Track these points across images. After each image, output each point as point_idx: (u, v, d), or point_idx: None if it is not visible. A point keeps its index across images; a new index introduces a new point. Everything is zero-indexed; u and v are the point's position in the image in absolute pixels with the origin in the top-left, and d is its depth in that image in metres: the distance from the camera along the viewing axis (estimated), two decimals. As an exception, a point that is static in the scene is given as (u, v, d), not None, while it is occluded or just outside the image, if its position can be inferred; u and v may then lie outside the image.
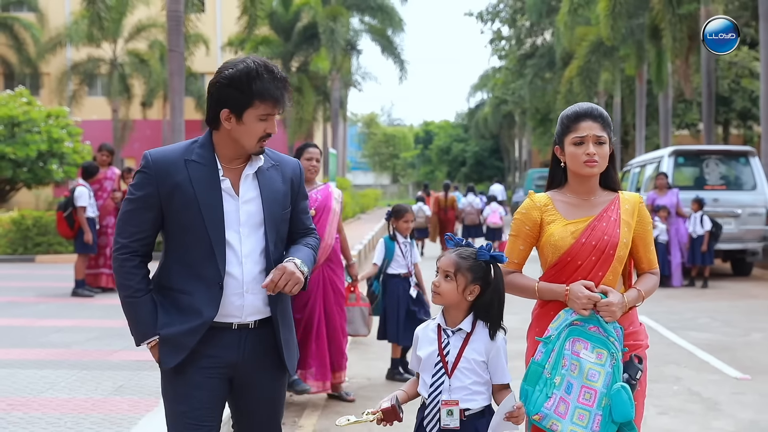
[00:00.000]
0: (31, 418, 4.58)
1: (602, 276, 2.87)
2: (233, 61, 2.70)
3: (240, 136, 2.68)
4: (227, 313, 2.69)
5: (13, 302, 9.34)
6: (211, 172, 2.70)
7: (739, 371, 6.67)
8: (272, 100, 2.65)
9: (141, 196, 2.68)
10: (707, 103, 19.63)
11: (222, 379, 2.72)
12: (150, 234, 2.72)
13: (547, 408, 2.74)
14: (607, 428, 2.74)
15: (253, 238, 2.73)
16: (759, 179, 13.13)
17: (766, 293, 11.67)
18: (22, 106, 20.97)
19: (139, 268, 2.70)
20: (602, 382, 2.74)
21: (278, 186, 2.80)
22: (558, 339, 2.79)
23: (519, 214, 3.02)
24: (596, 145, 2.89)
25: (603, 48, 24.66)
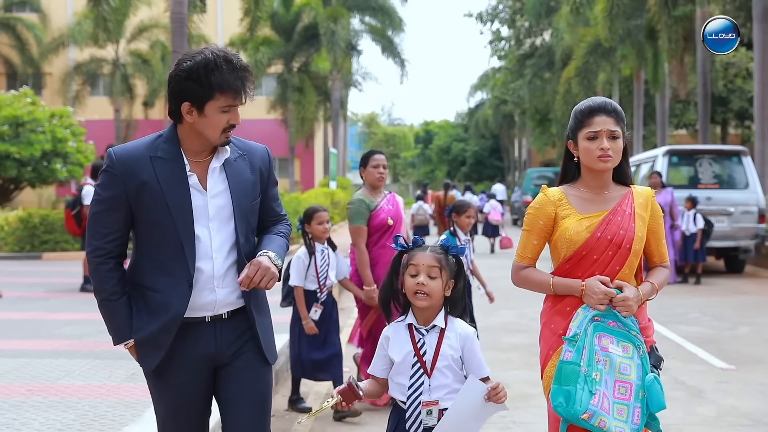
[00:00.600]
0: (51, 402, 4.85)
1: (619, 270, 2.88)
2: (191, 52, 2.64)
3: (203, 129, 2.64)
4: (199, 307, 2.68)
5: (24, 297, 9.62)
6: (177, 168, 2.66)
7: (725, 362, 6.95)
8: (232, 91, 2.60)
9: (108, 197, 2.64)
10: (702, 104, 19.91)
11: (203, 373, 2.71)
12: (122, 234, 2.70)
13: (594, 405, 2.72)
14: (644, 420, 2.76)
15: (224, 232, 2.70)
16: (751, 178, 13.41)
17: (757, 289, 11.94)
18: (26, 106, 21.17)
19: (114, 271, 2.68)
20: (635, 374, 2.76)
21: (246, 176, 2.75)
22: (586, 335, 2.78)
23: (532, 209, 3.01)
24: (610, 139, 2.89)
25: (601, 49, 24.97)
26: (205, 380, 2.72)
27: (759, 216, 13.31)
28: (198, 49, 2.64)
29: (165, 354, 2.63)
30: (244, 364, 2.73)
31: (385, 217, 5.47)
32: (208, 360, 2.70)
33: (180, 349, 2.65)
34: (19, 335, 7.12)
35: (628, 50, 24.81)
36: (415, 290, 2.76)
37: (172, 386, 2.67)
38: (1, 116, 20.30)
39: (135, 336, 2.65)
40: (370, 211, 5.46)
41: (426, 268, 2.77)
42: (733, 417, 5.37)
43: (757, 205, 13.32)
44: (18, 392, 5.09)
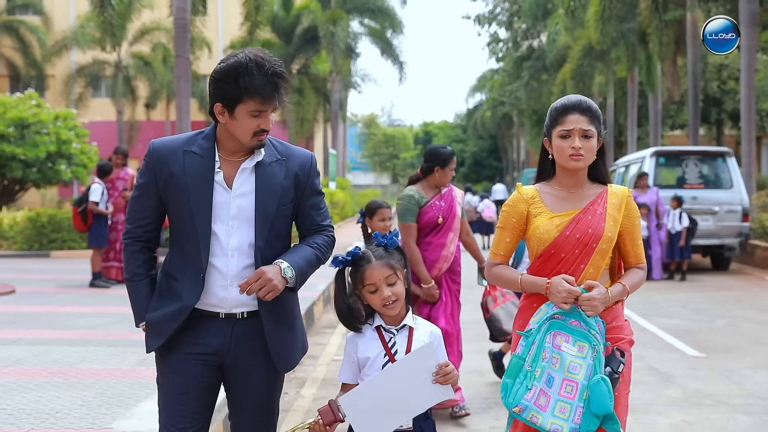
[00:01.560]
0: (71, 382, 5.31)
1: (583, 269, 2.87)
2: (229, 55, 2.69)
3: (234, 131, 2.68)
4: (212, 303, 2.70)
5: (36, 292, 10.07)
6: (206, 163, 2.70)
7: (697, 351, 7.42)
8: (261, 96, 2.60)
9: (142, 184, 2.75)
10: (693, 105, 20.35)
11: (209, 366, 2.72)
12: (152, 220, 2.77)
13: (527, 400, 2.75)
14: (588, 420, 2.73)
15: (243, 232, 2.70)
16: (735, 178, 13.88)
17: (739, 285, 12.40)
18: (31, 108, 21.53)
19: (140, 253, 2.77)
20: (583, 374, 2.74)
21: (278, 181, 2.74)
22: (538, 332, 2.80)
23: (506, 206, 3.02)
24: (583, 138, 2.87)
25: (595, 51, 25.39)
26: (209, 373, 2.72)
27: (743, 215, 13.77)
28: (236, 52, 2.67)
29: (167, 339, 2.67)
30: (253, 368, 2.74)
31: (435, 215, 5.26)
32: (216, 355, 2.71)
33: (190, 337, 2.69)
34: (36, 326, 7.57)
35: (621, 52, 25.27)
36: (384, 303, 2.71)
37: (176, 372, 2.70)
38: (6, 118, 20.63)
39: (147, 316, 2.72)
40: (419, 208, 5.26)
41: (383, 280, 2.70)
42: (697, 398, 5.83)
43: (741, 204, 13.78)
44: (40, 375, 5.55)
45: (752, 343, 7.89)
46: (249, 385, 2.75)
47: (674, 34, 20.63)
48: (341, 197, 27.37)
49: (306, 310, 8.47)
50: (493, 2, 41.11)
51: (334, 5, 32.76)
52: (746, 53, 16.33)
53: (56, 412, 4.61)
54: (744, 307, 10.09)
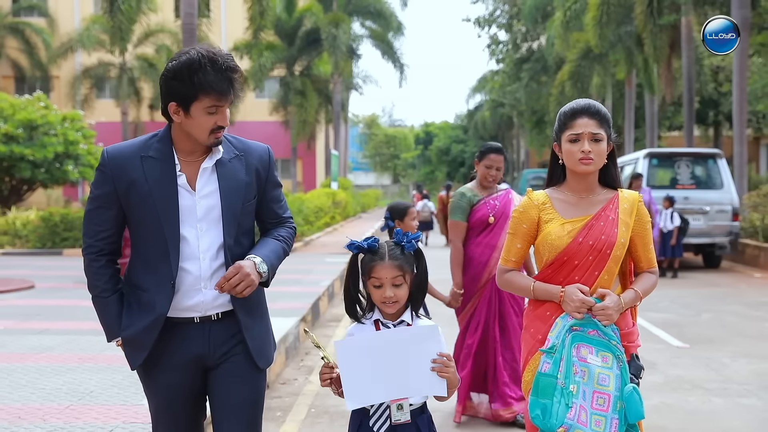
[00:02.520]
0: (100, 367, 5.78)
1: (597, 275, 2.83)
2: (179, 52, 2.61)
3: (191, 130, 2.61)
4: (187, 308, 2.66)
5: (54, 287, 10.54)
6: (167, 167, 2.64)
7: (682, 342, 7.88)
8: (216, 92, 2.55)
9: (100, 194, 2.65)
10: (687, 107, 20.82)
11: (191, 373, 2.70)
12: (114, 232, 2.70)
13: (570, 419, 2.71)
14: (622, 430, 2.74)
15: (212, 233, 2.66)
16: (726, 179, 14.34)
17: (729, 282, 12.86)
18: (39, 110, 21.96)
19: (105, 268, 2.69)
20: (614, 385, 2.73)
21: (240, 177, 2.71)
22: (564, 347, 2.76)
23: (517, 212, 2.98)
24: (592, 142, 2.84)
25: (593, 53, 25.86)
26: (194, 380, 2.71)
27: (733, 214, 14.23)
28: (185, 49, 2.61)
29: (149, 353, 2.63)
30: (233, 368, 2.70)
31: (487, 213, 5.07)
32: (197, 360, 2.69)
33: (168, 348, 2.66)
34: (59, 318, 8.03)
35: (619, 55, 25.73)
36: (382, 301, 2.72)
37: (161, 385, 2.68)
38: (15, 120, 21.07)
39: (122, 333, 2.66)
40: (471, 206, 5.10)
41: (390, 280, 2.68)
42: (677, 383, 6.29)
43: (731, 204, 14.25)
44: (71, 360, 6.02)
45: (734, 335, 8.35)
46: (232, 385, 2.70)
47: (669, 38, 21.10)
48: (343, 197, 27.81)
49: (312, 304, 8.94)
50: (492, 5, 41.55)
51: (336, 8, 33.20)
52: (738, 57, 16.78)
53: (90, 391, 5.08)
54: (730, 303, 10.54)
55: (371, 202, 43.41)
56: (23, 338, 6.90)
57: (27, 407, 4.70)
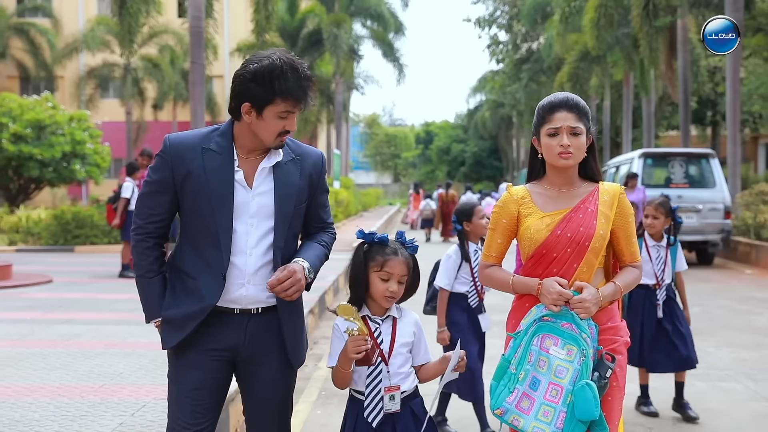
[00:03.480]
0: (126, 352, 6.21)
1: (576, 267, 2.83)
2: (259, 55, 2.69)
3: (259, 131, 2.69)
4: (228, 299, 2.72)
5: (72, 282, 10.98)
6: (226, 161, 2.71)
7: (670, 332, 8.31)
8: (294, 98, 2.64)
9: (157, 180, 2.73)
10: (683, 108, 21.26)
11: (222, 362, 2.75)
12: (165, 217, 2.77)
13: (508, 403, 2.75)
14: (572, 426, 2.70)
15: (262, 230, 2.73)
16: (718, 178, 14.79)
17: (720, 278, 13.30)
18: (47, 110, 22.35)
19: (152, 250, 2.77)
20: (569, 378, 2.71)
21: (294, 180, 2.78)
22: (525, 334, 2.79)
23: (497, 207, 3.00)
24: (571, 136, 2.83)
25: (591, 55, 26.30)
26: (222, 369, 2.76)
27: (725, 212, 14.68)
28: (266, 53, 2.68)
29: (186, 336, 2.69)
30: (267, 364, 2.77)
31: None
32: (230, 351, 2.75)
33: (204, 334, 2.71)
34: (80, 309, 8.47)
35: (617, 57, 26.18)
36: (386, 295, 2.84)
37: (190, 368, 2.73)
38: (24, 120, 21.45)
39: (164, 313, 2.73)
40: None
41: (398, 276, 2.85)
42: (662, 369, 6.72)
43: (723, 203, 14.69)
44: (98, 346, 6.46)
45: (720, 327, 8.79)
46: (264, 380, 2.78)
47: (666, 40, 21.54)
48: (345, 196, 28.24)
49: (319, 297, 9.36)
50: (493, 6, 41.98)
51: (338, 9, 33.60)
52: (731, 60, 17.21)
53: (120, 373, 5.52)
54: (720, 297, 10.97)
55: (372, 201, 43.85)
56: (50, 327, 7.34)
57: (64, 386, 5.14)
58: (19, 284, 10.27)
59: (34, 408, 4.63)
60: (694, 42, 23.34)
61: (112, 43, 31.02)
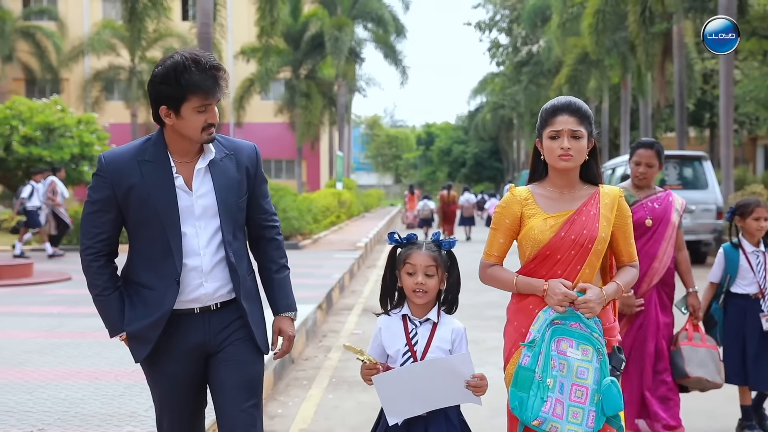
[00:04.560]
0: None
1: (579, 269, 2.88)
2: (164, 58, 2.72)
3: (183, 130, 2.72)
4: (189, 301, 2.78)
5: (90, 279, 11.48)
6: (164, 170, 2.75)
7: (659, 326, 8.81)
8: (202, 91, 2.65)
9: (99, 199, 2.75)
10: (679, 111, 21.76)
11: (194, 362, 2.82)
12: (112, 234, 2.80)
13: (545, 412, 2.77)
14: (600, 422, 2.80)
15: (210, 230, 2.79)
16: (710, 180, 15.29)
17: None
18: (56, 113, 22.81)
19: (105, 268, 2.79)
20: (592, 378, 2.78)
21: (232, 175, 2.83)
22: (543, 341, 2.81)
23: (499, 207, 3.03)
24: (572, 139, 2.88)
25: (589, 58, 26.82)
26: (196, 368, 2.84)
27: (717, 213, 15.18)
28: (169, 54, 2.73)
29: (153, 346, 2.75)
30: (234, 351, 2.83)
31: (644, 215, 4.59)
32: (198, 349, 2.82)
33: (170, 340, 2.77)
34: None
35: (614, 60, 26.69)
36: (414, 288, 2.87)
37: (164, 374, 2.80)
38: (34, 122, 21.90)
39: (127, 328, 2.77)
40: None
41: (423, 267, 2.87)
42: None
43: (716, 204, 15.20)
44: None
45: (708, 320, 9.27)
46: (234, 367, 2.82)
47: (661, 45, 22.06)
48: (348, 197, 28.74)
49: (326, 294, 9.86)
50: (493, 10, 42.47)
51: (340, 12, 34.07)
52: (725, 63, 17.68)
53: (148, 360, 6.00)
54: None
55: (374, 201, 44.33)
56: (77, 320, 7.84)
57: (100, 371, 5.64)
58: (41, 281, 10.80)
59: (76, 389, 5.13)
60: (689, 46, 23.85)
61: (118, 46, 31.54)
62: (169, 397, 2.83)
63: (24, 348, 6.53)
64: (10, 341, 6.85)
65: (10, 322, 7.89)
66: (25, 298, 9.54)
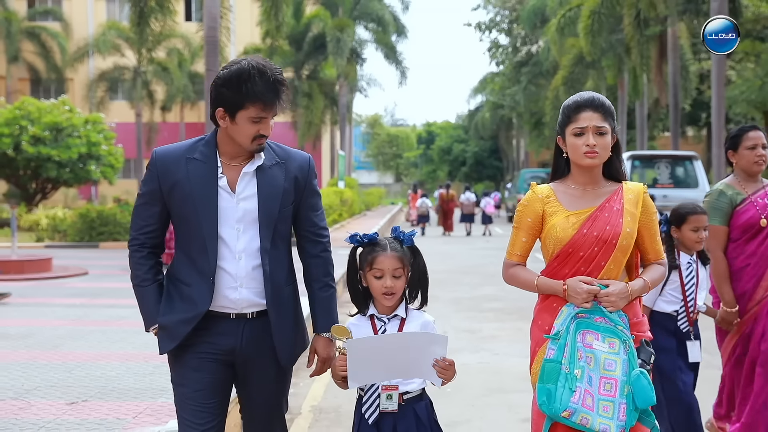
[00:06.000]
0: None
1: (604, 266, 2.83)
2: (232, 61, 2.75)
3: (235, 135, 2.74)
4: (223, 305, 2.78)
5: (106, 274, 12.01)
6: (209, 169, 2.77)
7: (645, 317, 9.34)
8: (262, 103, 2.67)
9: (146, 192, 2.83)
10: (673, 112, 22.28)
11: (221, 364, 2.82)
12: (157, 227, 2.85)
13: (574, 403, 2.73)
14: (632, 417, 2.74)
15: (249, 234, 2.78)
16: (701, 179, 15.87)
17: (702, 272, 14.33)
18: (64, 114, 23.25)
19: (146, 259, 2.85)
20: (620, 370, 2.73)
21: (279, 183, 2.81)
22: (567, 333, 2.78)
23: (521, 206, 2.98)
24: (597, 135, 2.84)
25: (586, 60, 27.35)
26: (222, 372, 2.83)
27: (707, 211, 15.72)
28: (238, 59, 2.76)
29: (179, 343, 2.77)
30: (262, 365, 2.85)
31: (757, 215, 4.15)
32: (228, 353, 2.81)
33: (202, 338, 2.78)
34: (121, 297, 9.46)
35: (610, 61, 27.23)
36: (384, 292, 2.84)
37: (189, 371, 2.80)
38: (43, 123, 22.37)
39: (159, 319, 2.82)
40: (733, 207, 4.18)
41: (391, 270, 2.84)
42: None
43: (705, 202, 15.74)
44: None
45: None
46: (259, 382, 2.86)
47: (657, 47, 22.60)
48: (350, 195, 29.29)
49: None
50: (494, 11, 42.97)
51: (342, 13, 34.54)
52: (716, 66, 18.18)
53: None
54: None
55: (375, 200, 44.83)
56: (100, 310, 8.39)
57: (129, 353, 6.18)
58: (60, 276, 11.37)
59: (110, 369, 5.69)
60: (684, 48, 24.37)
61: (123, 46, 32.01)
62: (191, 394, 2.81)
63: (56, 334, 7.10)
64: (42, 328, 7.42)
65: (38, 312, 8.46)
66: (48, 291, 10.11)
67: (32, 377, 5.50)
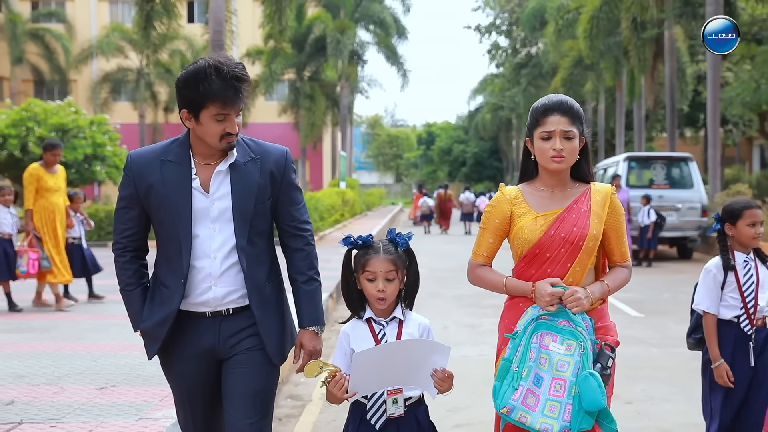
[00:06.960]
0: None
1: (569, 267, 2.83)
2: (194, 62, 2.71)
3: (203, 135, 2.72)
4: (197, 303, 2.78)
5: (118, 272, 12.40)
6: (184, 171, 2.76)
7: (638, 312, 9.72)
8: (221, 101, 2.63)
9: (125, 196, 2.82)
10: (670, 113, 22.67)
11: (206, 364, 2.83)
12: (138, 230, 2.85)
13: (514, 400, 2.74)
14: (579, 418, 2.70)
15: (225, 234, 2.77)
16: (696, 180, 16.24)
17: (696, 270, 14.55)
18: (70, 115, 23.58)
19: (130, 263, 2.85)
20: (571, 371, 2.72)
21: (253, 180, 2.78)
22: (524, 333, 2.79)
23: (489, 207, 2.99)
24: (564, 140, 2.82)
25: (585, 62, 27.74)
26: (208, 371, 2.84)
27: (702, 211, 16.13)
28: (198, 59, 2.73)
29: (162, 344, 2.80)
30: (243, 359, 2.80)
31: None
32: (209, 352, 2.81)
33: (181, 340, 2.81)
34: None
35: (609, 64, 27.62)
36: (377, 296, 2.82)
37: (176, 373, 2.85)
38: (49, 124, 22.63)
39: (141, 326, 2.85)
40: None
41: (383, 273, 2.81)
42: (624, 339, 7.86)
43: (701, 202, 16.15)
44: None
45: (685, 308, 9.99)
46: (243, 375, 2.81)
47: (653, 49, 22.99)
48: (351, 196, 29.66)
49: (337, 284, 10.69)
50: (494, 14, 43.34)
51: (343, 15, 34.88)
52: (712, 68, 18.57)
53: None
54: (691, 285, 12.01)
55: (376, 200, 45.17)
56: (118, 305, 8.68)
57: (149, 345, 6.54)
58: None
59: (133, 358, 6.06)
60: (681, 51, 24.73)
61: (126, 48, 32.33)
62: (182, 395, 2.88)
63: (78, 327, 7.50)
64: (64, 322, 7.83)
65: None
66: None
67: (61, 365, 5.89)
